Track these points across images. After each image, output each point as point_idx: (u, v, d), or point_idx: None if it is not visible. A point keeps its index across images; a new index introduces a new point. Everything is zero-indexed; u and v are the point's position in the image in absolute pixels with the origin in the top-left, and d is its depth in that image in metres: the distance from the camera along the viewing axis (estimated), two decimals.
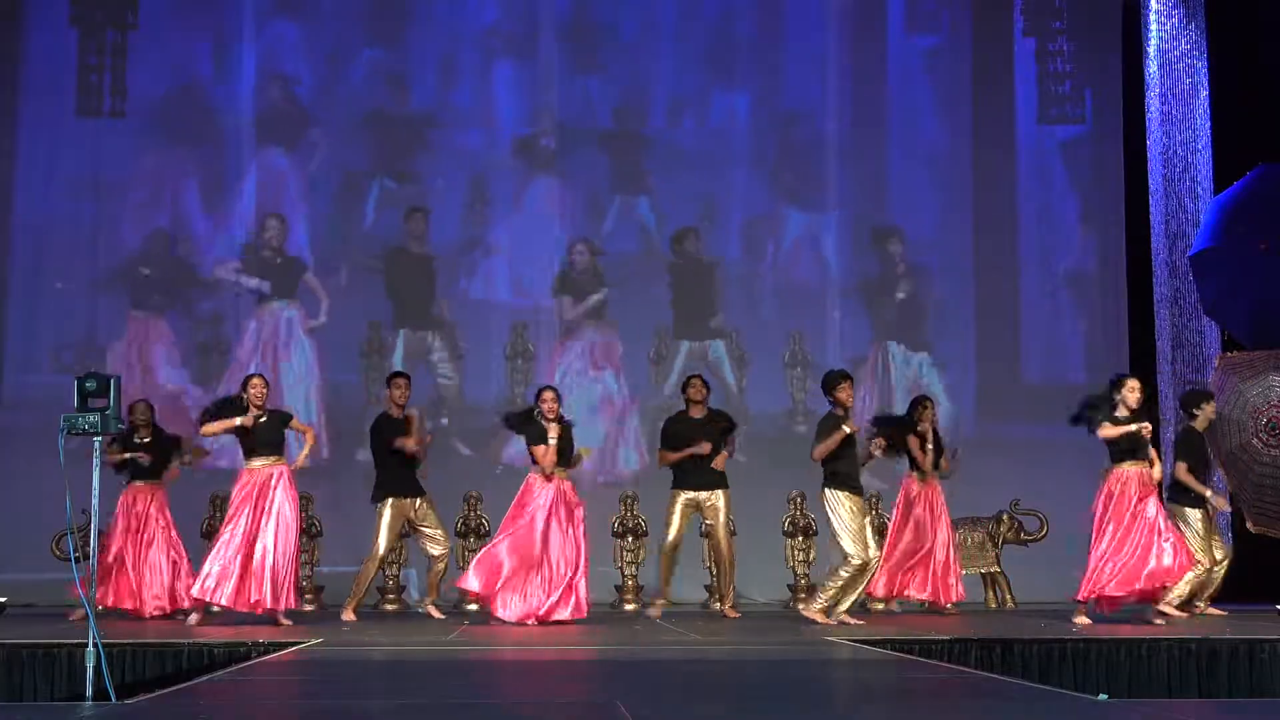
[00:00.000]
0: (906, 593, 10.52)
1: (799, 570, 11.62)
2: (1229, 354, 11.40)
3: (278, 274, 13.06)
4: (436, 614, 10.22)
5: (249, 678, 6.29)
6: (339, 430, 12.65)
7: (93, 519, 6.53)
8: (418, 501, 10.03)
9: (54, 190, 13.04)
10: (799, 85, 13.64)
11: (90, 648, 6.12)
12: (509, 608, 9.53)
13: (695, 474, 10.03)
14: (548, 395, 9.82)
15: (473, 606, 11.03)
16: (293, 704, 5.46)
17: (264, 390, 9.53)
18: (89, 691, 6.07)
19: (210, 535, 11.50)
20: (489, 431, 12.42)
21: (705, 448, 9.99)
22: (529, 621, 9.44)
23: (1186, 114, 12.89)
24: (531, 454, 9.80)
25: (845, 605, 9.37)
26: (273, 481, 9.40)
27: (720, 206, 13.50)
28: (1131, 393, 9.42)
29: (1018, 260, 13.57)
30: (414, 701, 5.46)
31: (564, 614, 9.50)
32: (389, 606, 11.38)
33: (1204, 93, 12.90)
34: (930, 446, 10.48)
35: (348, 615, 9.96)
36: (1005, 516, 11.79)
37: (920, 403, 10.61)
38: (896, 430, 10.43)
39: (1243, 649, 7.78)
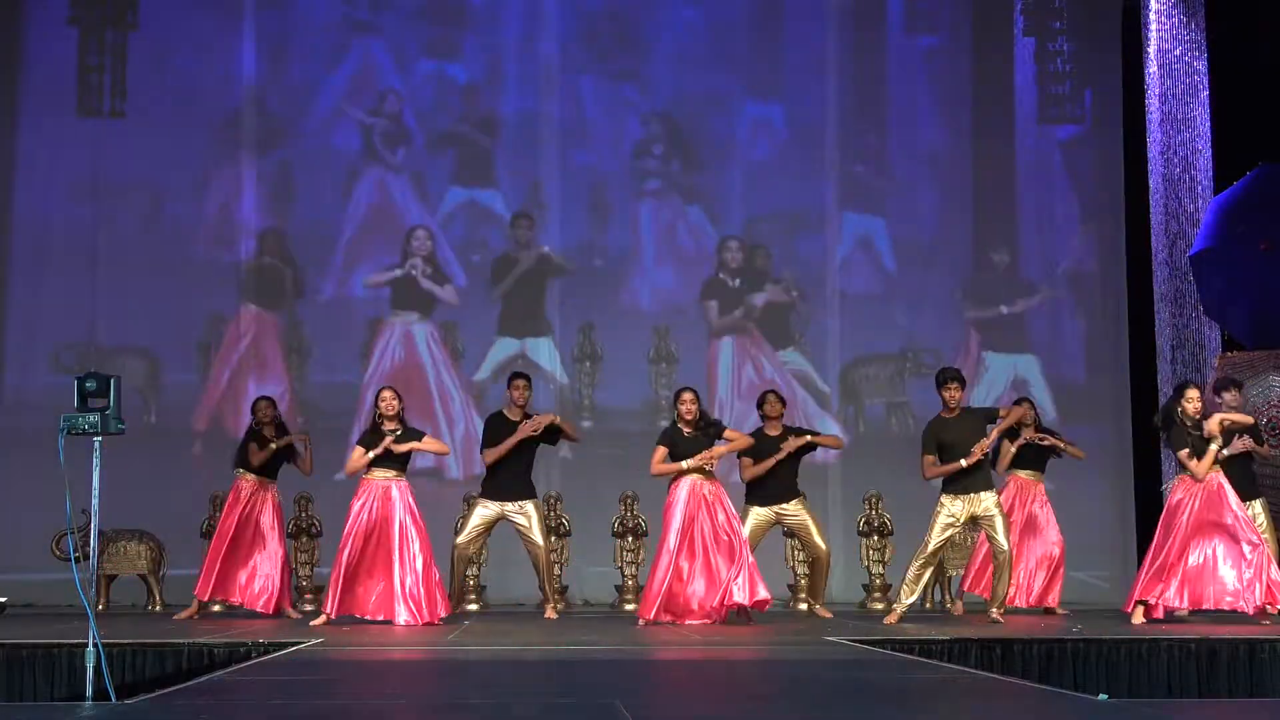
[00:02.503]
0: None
1: (799, 570, 11.60)
2: (1229, 354, 11.40)
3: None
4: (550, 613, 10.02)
5: (249, 678, 6.28)
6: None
7: (93, 519, 6.53)
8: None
9: (54, 190, 13.04)
10: (798, 85, 13.62)
11: (90, 648, 6.11)
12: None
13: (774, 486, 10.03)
14: (686, 397, 9.30)
15: (472, 607, 11.00)
16: (293, 704, 5.46)
17: (397, 404, 9.34)
18: (89, 691, 6.06)
19: (209, 535, 11.49)
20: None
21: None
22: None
23: (1186, 114, 12.88)
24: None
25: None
26: (393, 493, 9.28)
27: (720, 205, 13.50)
28: (1190, 403, 9.06)
29: (1018, 260, 13.56)
30: (413, 702, 5.46)
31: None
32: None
33: (1204, 93, 12.89)
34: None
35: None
36: None
37: (1019, 402, 10.56)
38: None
39: (1243, 649, 7.77)
